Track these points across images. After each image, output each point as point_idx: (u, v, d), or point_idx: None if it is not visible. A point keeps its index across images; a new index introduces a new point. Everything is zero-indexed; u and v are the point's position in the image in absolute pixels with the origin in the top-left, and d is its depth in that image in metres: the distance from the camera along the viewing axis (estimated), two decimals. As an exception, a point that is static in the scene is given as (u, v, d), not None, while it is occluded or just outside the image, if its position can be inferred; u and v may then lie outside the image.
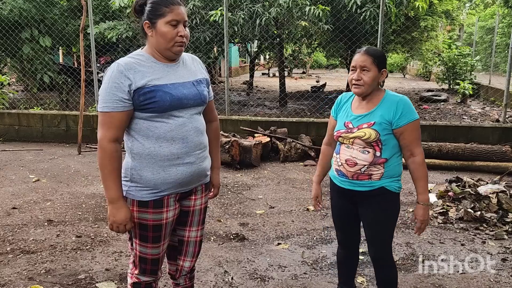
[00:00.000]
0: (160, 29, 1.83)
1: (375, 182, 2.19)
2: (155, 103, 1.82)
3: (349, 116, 2.27)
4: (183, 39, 1.86)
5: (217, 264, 3.24)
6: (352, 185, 2.25)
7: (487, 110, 10.21)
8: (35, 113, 7.77)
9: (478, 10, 21.41)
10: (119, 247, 3.51)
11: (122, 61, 1.84)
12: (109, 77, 1.82)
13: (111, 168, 1.83)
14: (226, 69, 7.45)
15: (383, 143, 2.15)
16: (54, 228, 3.89)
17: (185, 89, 1.91)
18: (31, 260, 3.27)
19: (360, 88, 2.18)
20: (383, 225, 2.28)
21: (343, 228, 2.47)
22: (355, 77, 2.18)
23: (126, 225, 1.88)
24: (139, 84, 1.81)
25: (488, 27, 17.76)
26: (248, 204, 4.56)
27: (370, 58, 2.15)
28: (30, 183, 5.23)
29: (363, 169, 2.18)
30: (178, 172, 1.91)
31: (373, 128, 2.15)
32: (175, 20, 1.83)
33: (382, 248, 2.32)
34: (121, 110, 1.81)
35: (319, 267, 3.22)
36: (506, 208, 4.08)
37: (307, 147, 6.44)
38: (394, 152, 2.19)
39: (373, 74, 2.16)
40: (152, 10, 1.84)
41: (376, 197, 2.22)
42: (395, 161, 2.21)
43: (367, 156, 2.17)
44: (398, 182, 2.24)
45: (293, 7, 7.65)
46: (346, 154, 2.24)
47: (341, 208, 2.41)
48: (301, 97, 11.66)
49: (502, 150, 5.78)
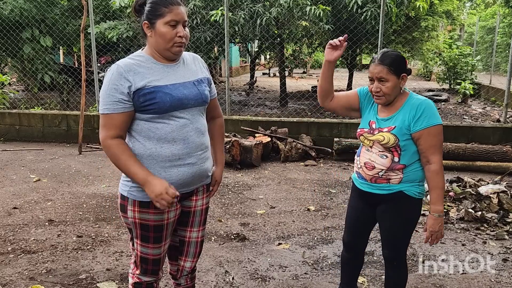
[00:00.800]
0: (159, 30, 1.83)
1: (394, 185, 2.16)
2: (155, 104, 1.81)
3: (374, 116, 2.23)
4: (183, 39, 1.85)
5: (218, 264, 3.24)
6: (371, 188, 2.23)
7: (488, 110, 10.21)
8: (36, 113, 7.77)
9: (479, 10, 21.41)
10: (120, 247, 3.51)
11: (121, 63, 1.84)
12: (108, 79, 1.82)
13: (125, 157, 1.82)
14: (226, 69, 7.45)
15: (402, 148, 2.11)
16: (55, 228, 3.89)
17: (185, 89, 1.90)
18: (32, 260, 3.27)
19: (381, 99, 2.14)
20: (400, 229, 2.25)
21: (355, 231, 2.43)
22: (374, 89, 2.13)
23: (168, 191, 1.80)
24: (138, 86, 1.81)
25: (489, 27, 17.76)
26: (249, 204, 4.56)
27: (386, 68, 2.08)
28: (31, 183, 5.23)
29: (381, 173, 2.16)
30: (179, 172, 1.90)
31: (392, 133, 2.11)
32: (174, 21, 1.82)
33: (397, 251, 2.30)
34: (121, 111, 1.82)
35: (320, 267, 3.22)
36: (507, 208, 4.09)
37: (307, 147, 6.44)
38: (415, 158, 2.14)
39: (392, 84, 2.09)
40: (151, 10, 1.83)
41: (395, 201, 2.18)
42: (415, 167, 2.16)
43: (385, 161, 2.14)
44: (418, 187, 2.18)
45: (293, 7, 7.66)
46: (365, 157, 2.22)
47: (358, 210, 2.37)
48: (302, 97, 11.66)
49: (503, 150, 5.78)
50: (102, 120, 1.84)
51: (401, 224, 2.23)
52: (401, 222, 2.23)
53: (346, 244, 2.49)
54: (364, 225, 2.39)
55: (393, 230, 2.25)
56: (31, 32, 9.39)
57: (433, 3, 10.49)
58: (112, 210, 4.32)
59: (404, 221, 2.23)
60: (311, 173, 5.75)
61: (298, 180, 5.43)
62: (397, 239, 2.27)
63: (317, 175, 5.66)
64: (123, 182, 1.95)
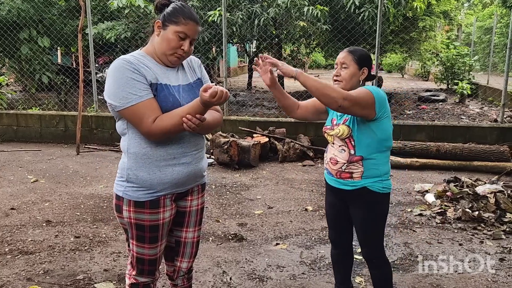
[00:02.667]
0: (167, 34, 1.85)
1: (357, 181, 2.22)
2: (158, 102, 1.82)
3: (335, 112, 2.32)
4: (184, 54, 1.88)
5: (215, 264, 3.25)
6: (338, 184, 2.30)
7: (485, 110, 10.23)
8: (34, 114, 7.76)
9: (476, 10, 21.47)
10: (117, 247, 3.51)
11: (126, 57, 1.84)
12: (121, 73, 1.78)
13: (172, 115, 1.78)
14: (224, 69, 7.46)
15: (356, 139, 2.18)
16: (52, 228, 3.89)
17: (185, 93, 1.93)
18: (30, 260, 3.27)
19: (338, 84, 2.24)
20: (371, 225, 2.30)
21: (335, 226, 2.50)
22: (335, 73, 2.27)
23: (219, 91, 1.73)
24: (149, 79, 1.82)
25: (486, 27, 17.80)
26: (247, 205, 4.57)
27: (350, 56, 2.23)
28: (28, 184, 5.22)
29: (343, 167, 2.23)
30: (174, 172, 1.91)
31: (346, 124, 2.20)
32: (184, 34, 1.85)
33: (373, 248, 2.35)
34: (151, 97, 1.80)
35: (318, 267, 3.22)
36: (504, 208, 4.10)
37: (305, 147, 6.44)
38: (371, 150, 2.19)
39: (352, 71, 2.22)
40: (170, 13, 1.85)
41: (361, 198, 2.25)
42: (375, 161, 2.20)
43: (343, 154, 2.23)
44: (382, 182, 2.23)
45: (291, 7, 7.67)
46: (330, 153, 2.32)
47: (332, 206, 2.45)
48: (300, 97, 11.67)
49: (500, 150, 5.79)
50: (138, 111, 1.77)
51: (370, 220, 2.28)
52: (370, 218, 2.28)
53: (332, 240, 2.56)
54: (342, 220, 2.44)
55: (364, 227, 2.31)
56: (29, 32, 9.38)
57: (430, 4, 10.52)
58: (110, 210, 4.32)
59: (372, 217, 2.28)
60: (309, 173, 5.76)
61: (296, 180, 5.43)
62: (369, 235, 2.32)
63: (315, 175, 5.67)
64: (118, 183, 1.95)
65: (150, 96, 1.80)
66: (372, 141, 2.18)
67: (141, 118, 1.77)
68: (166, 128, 1.79)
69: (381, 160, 2.23)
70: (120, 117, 1.88)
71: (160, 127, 1.78)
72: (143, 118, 1.77)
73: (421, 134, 6.46)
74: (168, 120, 1.79)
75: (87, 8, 7.28)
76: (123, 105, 1.78)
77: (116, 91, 1.79)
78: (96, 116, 7.50)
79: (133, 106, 1.77)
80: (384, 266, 2.37)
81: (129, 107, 1.77)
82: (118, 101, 1.78)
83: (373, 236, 2.32)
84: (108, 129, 7.42)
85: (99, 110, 7.69)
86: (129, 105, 1.77)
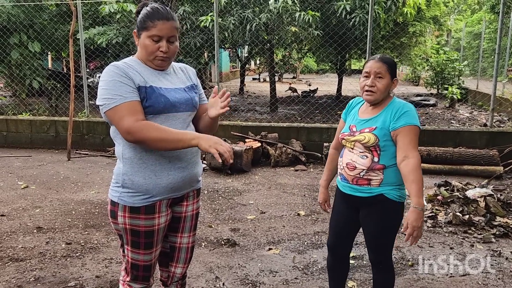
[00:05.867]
0: (142, 41, 1.88)
1: (374, 188, 2.18)
2: (149, 102, 1.84)
3: (355, 120, 2.28)
4: (165, 54, 1.88)
5: (208, 270, 3.24)
6: (353, 191, 2.25)
7: (475, 115, 10.36)
8: (24, 119, 7.70)
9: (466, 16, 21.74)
10: (109, 253, 3.49)
11: (116, 63, 1.87)
12: (110, 77, 1.81)
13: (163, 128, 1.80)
14: (216, 74, 7.47)
15: (382, 149, 2.14)
16: (43, 235, 3.85)
17: (177, 94, 1.94)
18: (20, 268, 3.24)
19: (373, 96, 2.16)
20: (383, 233, 2.26)
21: (339, 233, 2.44)
22: (369, 83, 2.15)
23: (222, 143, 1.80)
24: (137, 82, 1.84)
25: (475, 33, 18.04)
26: (239, 210, 4.57)
27: (385, 66, 2.15)
28: (18, 190, 5.17)
29: (362, 173, 2.18)
30: (169, 176, 1.91)
31: (373, 133, 2.15)
32: (157, 36, 1.85)
33: (382, 254, 2.32)
34: (138, 100, 1.82)
35: (310, 271, 3.23)
36: (494, 211, 4.14)
37: (297, 152, 6.47)
38: (394, 161, 2.16)
39: (387, 82, 2.16)
40: (140, 21, 1.88)
41: (376, 205, 2.20)
42: (395, 170, 2.17)
43: (365, 161, 2.17)
44: (399, 191, 2.19)
45: (283, 13, 7.71)
46: (347, 158, 2.25)
47: (341, 213, 2.39)
48: (290, 100, 11.71)
49: (490, 154, 5.86)
50: (121, 110, 1.78)
51: (384, 228, 2.25)
52: (384, 226, 2.25)
53: (330, 247, 2.50)
54: (348, 227, 2.41)
55: (377, 234, 2.27)
56: (19, 37, 9.32)
57: (420, 9, 10.63)
58: (102, 216, 4.30)
59: (387, 225, 2.25)
60: (301, 178, 5.78)
61: (288, 185, 5.44)
62: (381, 243, 2.29)
63: (307, 180, 5.69)
64: (113, 188, 1.94)
65: (136, 99, 1.82)
66: (395, 152, 2.15)
67: (122, 117, 1.78)
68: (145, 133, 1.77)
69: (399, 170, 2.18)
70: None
71: (143, 127, 1.77)
72: (124, 117, 1.78)
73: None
74: (154, 128, 1.79)
75: (79, 14, 7.26)
76: (108, 106, 1.80)
77: (104, 93, 1.82)
78: (87, 121, 7.46)
79: (117, 106, 1.79)
80: (389, 272, 2.35)
81: (112, 108, 1.80)
82: (104, 102, 1.82)
83: (384, 243, 2.29)
84: (99, 134, 7.38)
85: (90, 116, 7.65)
86: (112, 105, 1.80)
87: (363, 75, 2.21)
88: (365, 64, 2.24)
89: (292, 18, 7.85)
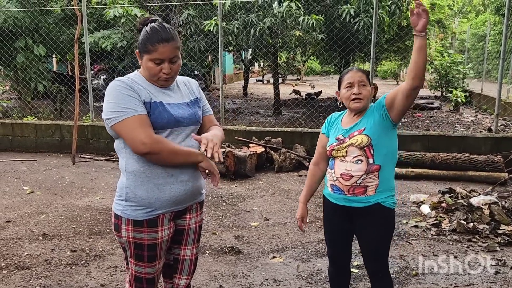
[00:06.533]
0: (145, 63, 1.90)
1: (370, 197, 2.21)
2: (152, 118, 1.86)
3: (340, 131, 2.33)
4: (167, 75, 1.90)
5: (212, 278, 3.25)
6: (347, 202, 2.27)
7: (479, 118, 10.31)
8: (29, 123, 7.75)
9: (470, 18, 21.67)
10: (114, 261, 3.51)
11: (122, 78, 1.90)
12: (117, 92, 1.84)
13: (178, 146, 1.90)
14: (220, 79, 7.49)
15: (374, 148, 2.20)
16: (48, 242, 3.88)
17: (180, 109, 1.96)
18: (26, 276, 3.26)
19: (361, 102, 2.25)
20: (381, 241, 2.30)
21: (335, 245, 2.48)
22: (356, 91, 2.24)
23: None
24: (142, 97, 1.87)
25: (480, 34, 17.97)
26: (243, 216, 4.58)
27: (365, 75, 2.29)
28: (24, 195, 5.21)
29: (359, 181, 2.21)
30: (172, 190, 1.93)
31: (364, 134, 2.22)
32: (158, 59, 1.87)
33: (380, 262, 2.34)
34: (145, 113, 1.85)
35: (314, 281, 3.23)
36: (499, 219, 4.13)
37: (301, 157, 6.47)
38: (387, 160, 2.22)
39: (369, 89, 2.29)
40: (140, 43, 1.89)
41: (372, 215, 2.24)
42: (388, 171, 2.24)
43: (360, 165, 2.20)
44: (392, 197, 2.27)
45: (287, 17, 7.72)
46: (340, 168, 2.26)
47: (335, 225, 2.42)
48: (294, 104, 11.70)
49: (494, 160, 5.84)
50: (132, 123, 1.81)
51: (382, 237, 2.29)
52: (381, 235, 2.28)
53: (330, 258, 2.53)
54: (343, 239, 2.43)
55: (375, 244, 2.31)
56: (25, 41, 9.38)
57: (425, 12, 10.61)
58: (106, 223, 4.32)
59: (384, 234, 2.29)
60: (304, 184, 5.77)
61: (292, 191, 5.45)
62: (379, 252, 2.33)
63: (311, 186, 5.68)
64: (117, 202, 1.96)
65: (145, 112, 1.85)
66: (388, 151, 2.23)
67: (134, 129, 1.81)
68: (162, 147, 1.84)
69: (391, 173, 2.27)
70: (117, 136, 1.90)
71: (161, 142, 1.84)
72: (137, 129, 1.81)
73: (416, 144, 6.50)
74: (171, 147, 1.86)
75: (84, 18, 7.30)
76: (118, 118, 1.82)
77: (112, 107, 1.84)
78: (92, 125, 7.50)
79: (127, 119, 1.81)
80: (387, 280, 2.37)
81: (122, 120, 1.82)
82: (113, 115, 1.83)
83: (381, 251, 2.33)
84: (104, 138, 7.41)
85: (95, 120, 7.69)
86: (122, 118, 1.81)
87: (344, 87, 2.30)
88: (343, 76, 2.34)
89: (296, 22, 7.85)
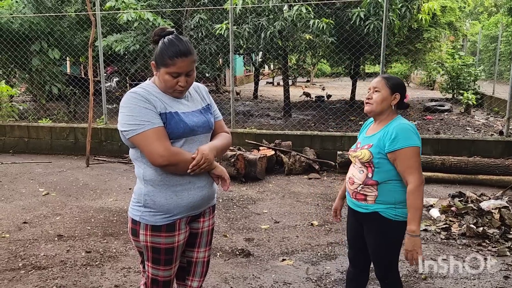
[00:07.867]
0: (162, 75, 1.94)
1: (370, 205, 2.26)
2: (168, 129, 1.91)
3: (362, 137, 2.42)
4: (183, 88, 1.96)
5: (223, 280, 3.32)
6: (354, 205, 2.36)
7: (490, 121, 10.25)
8: (45, 126, 7.91)
9: (482, 19, 21.48)
10: (127, 262, 3.59)
11: (136, 90, 1.94)
12: (133, 104, 1.88)
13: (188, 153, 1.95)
14: (231, 82, 7.56)
15: (376, 165, 2.23)
16: (64, 243, 3.98)
17: (195, 117, 2.01)
18: (43, 276, 3.36)
19: (369, 106, 2.32)
20: (382, 250, 2.32)
21: (353, 246, 2.53)
22: (367, 96, 2.35)
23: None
24: (158, 109, 1.91)
25: (492, 36, 17.81)
26: (253, 219, 4.64)
27: (384, 81, 2.31)
28: (40, 197, 5.33)
29: (359, 188, 2.29)
30: (190, 196, 2.00)
31: (369, 150, 2.25)
32: (176, 73, 1.91)
33: (386, 269, 2.37)
34: (162, 125, 1.90)
35: (323, 284, 3.28)
36: (509, 224, 4.13)
37: (311, 160, 6.51)
38: (389, 177, 2.22)
39: (383, 95, 2.28)
40: (158, 55, 1.93)
41: (373, 223, 2.29)
42: (391, 187, 2.24)
43: (361, 175, 2.28)
44: (395, 210, 2.24)
45: (297, 21, 7.78)
46: (350, 172, 2.38)
47: (352, 226, 2.49)
48: (304, 107, 11.74)
49: (505, 163, 5.82)
50: (150, 135, 1.86)
51: (381, 245, 2.31)
52: (381, 244, 2.31)
53: (350, 259, 2.59)
54: (359, 241, 2.47)
55: (377, 251, 2.35)
56: (40, 45, 9.57)
57: (435, 15, 10.58)
58: (120, 224, 4.41)
59: (384, 243, 2.30)
60: (314, 187, 5.83)
61: (302, 194, 5.50)
62: (382, 259, 2.36)
63: (321, 189, 5.73)
64: (134, 207, 2.02)
65: (161, 124, 1.90)
66: (393, 169, 2.22)
67: (152, 142, 1.85)
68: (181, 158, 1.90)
69: (398, 187, 2.24)
70: (133, 145, 1.97)
71: (179, 154, 1.90)
72: (155, 142, 1.85)
73: (426, 147, 6.50)
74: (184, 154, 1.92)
75: (98, 23, 7.44)
76: (136, 131, 1.86)
77: (129, 119, 1.88)
78: (105, 128, 7.63)
79: (145, 132, 1.86)
80: (396, 286, 2.41)
81: (140, 133, 1.86)
82: (131, 127, 1.87)
83: (386, 260, 2.35)
84: (117, 141, 7.54)
85: (108, 122, 7.82)
86: (140, 131, 1.86)
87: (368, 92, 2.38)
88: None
89: (306, 26, 7.91)
